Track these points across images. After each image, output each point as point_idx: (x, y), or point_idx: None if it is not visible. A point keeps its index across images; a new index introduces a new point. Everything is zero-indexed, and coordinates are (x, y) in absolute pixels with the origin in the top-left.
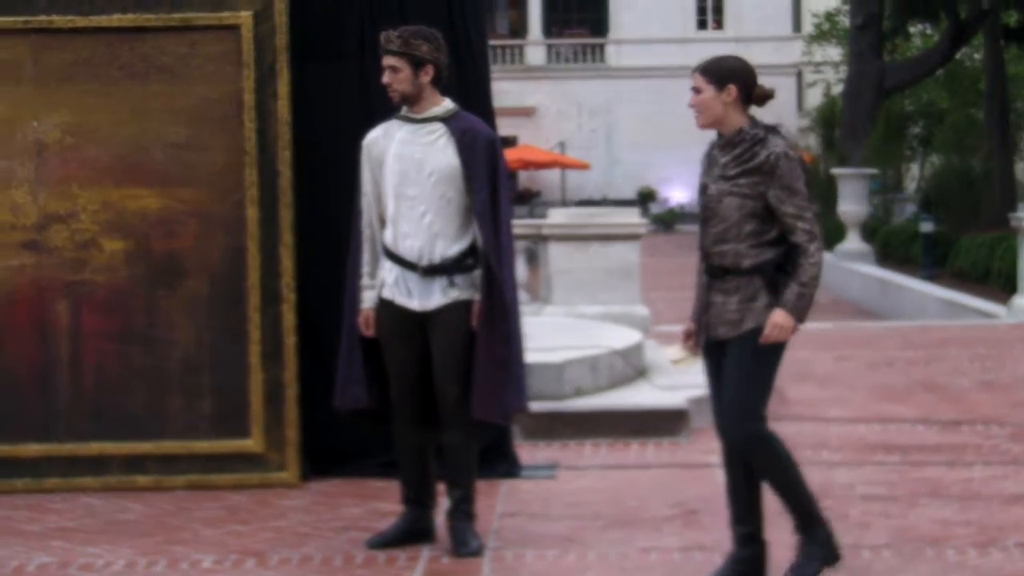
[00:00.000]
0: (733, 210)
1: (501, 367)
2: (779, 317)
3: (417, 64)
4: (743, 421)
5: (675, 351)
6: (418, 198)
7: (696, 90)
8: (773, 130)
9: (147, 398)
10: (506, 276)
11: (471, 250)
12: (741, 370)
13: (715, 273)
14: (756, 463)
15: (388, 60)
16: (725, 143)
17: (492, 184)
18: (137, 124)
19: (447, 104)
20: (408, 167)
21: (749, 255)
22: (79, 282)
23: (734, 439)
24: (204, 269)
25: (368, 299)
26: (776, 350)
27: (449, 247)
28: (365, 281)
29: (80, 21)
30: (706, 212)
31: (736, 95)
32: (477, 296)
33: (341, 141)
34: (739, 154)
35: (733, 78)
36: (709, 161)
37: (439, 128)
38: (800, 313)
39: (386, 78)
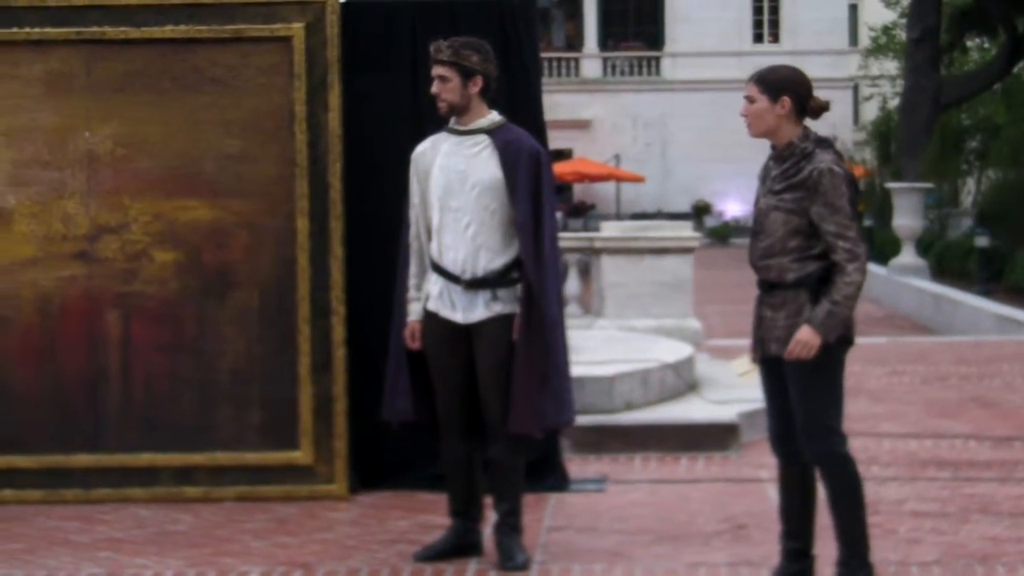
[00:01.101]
0: (779, 225)
1: (539, 380)
2: (804, 333)
3: (467, 74)
4: (822, 437)
5: (741, 363)
6: (462, 210)
7: (749, 99)
8: (824, 144)
9: (197, 409)
10: (547, 289)
11: (515, 263)
12: (803, 388)
13: (763, 287)
14: (830, 481)
15: (438, 70)
16: (776, 156)
17: (535, 197)
18: (188, 135)
19: (493, 116)
20: (452, 179)
21: (792, 269)
22: (130, 293)
23: (813, 455)
24: (254, 281)
25: (414, 312)
26: (831, 363)
27: (493, 260)
28: (411, 293)
29: (132, 32)
30: (755, 225)
31: (790, 107)
32: (514, 310)
33: (392, 153)
34: (786, 168)
35: (787, 89)
36: (764, 173)
37: (483, 140)
38: (827, 331)
39: (435, 88)
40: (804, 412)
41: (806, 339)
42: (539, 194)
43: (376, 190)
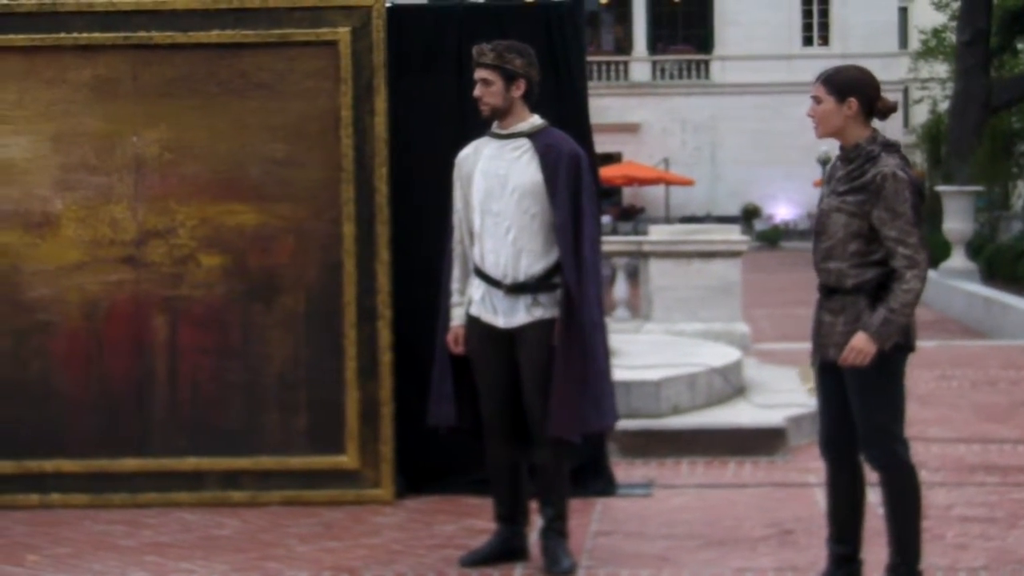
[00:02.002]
0: (840, 227)
1: (577, 385)
2: (859, 340)
3: (510, 78)
4: (884, 444)
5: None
6: (502, 214)
7: (816, 99)
8: (890, 147)
9: (243, 414)
10: (585, 292)
11: (557, 268)
12: (864, 395)
13: (823, 291)
14: (890, 488)
15: (480, 73)
16: (843, 156)
17: (574, 199)
18: (235, 140)
19: (534, 120)
20: (493, 183)
21: (851, 274)
22: (176, 297)
23: (875, 462)
24: (300, 285)
25: (457, 316)
26: (892, 369)
27: (534, 264)
28: (455, 298)
29: (179, 37)
30: (817, 226)
31: (857, 108)
32: (554, 315)
33: (437, 158)
34: (851, 170)
35: (855, 91)
36: (831, 173)
37: (524, 144)
38: (883, 339)
39: (477, 91)
40: (865, 419)
41: (861, 346)
42: (578, 197)
43: (422, 194)
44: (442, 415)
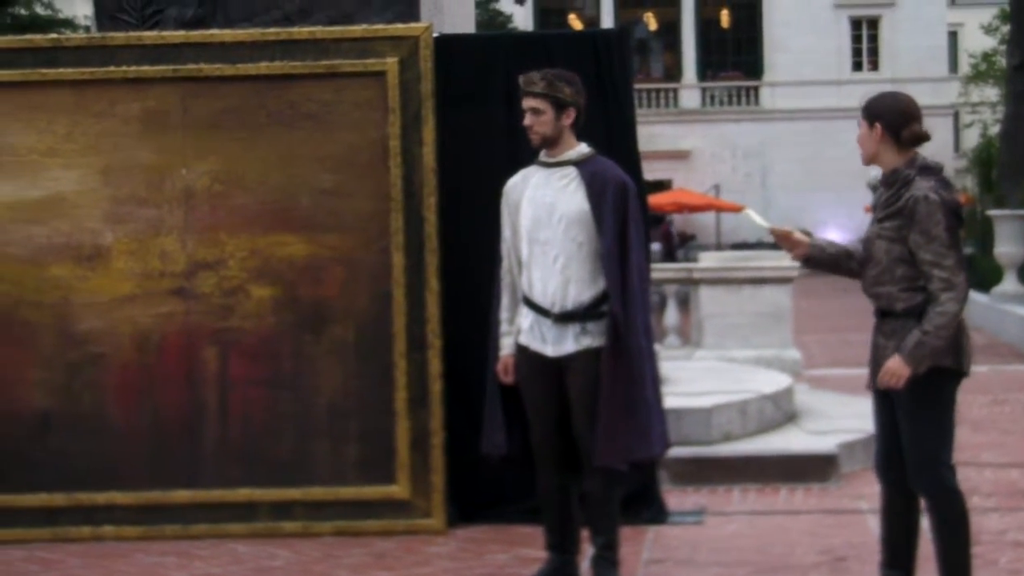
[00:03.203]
0: (883, 253)
1: (622, 413)
2: (893, 363)
3: (560, 106)
4: (931, 470)
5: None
6: (550, 243)
7: (860, 125)
8: (927, 171)
9: (294, 444)
10: (632, 320)
11: (605, 296)
12: (912, 420)
13: (878, 315)
14: (937, 514)
15: (530, 102)
16: (883, 182)
17: (621, 227)
18: (284, 171)
19: (582, 148)
20: (540, 212)
21: (901, 298)
22: (227, 329)
23: (921, 488)
24: (350, 315)
25: (507, 345)
26: (941, 394)
27: (582, 293)
28: (504, 328)
29: (228, 69)
30: (865, 253)
31: (881, 133)
32: (603, 344)
33: (486, 187)
34: (889, 196)
35: (880, 116)
36: (876, 200)
37: (571, 172)
38: (917, 362)
39: (528, 120)
40: (913, 444)
41: (895, 369)
42: (625, 225)
43: (471, 223)
44: (493, 444)
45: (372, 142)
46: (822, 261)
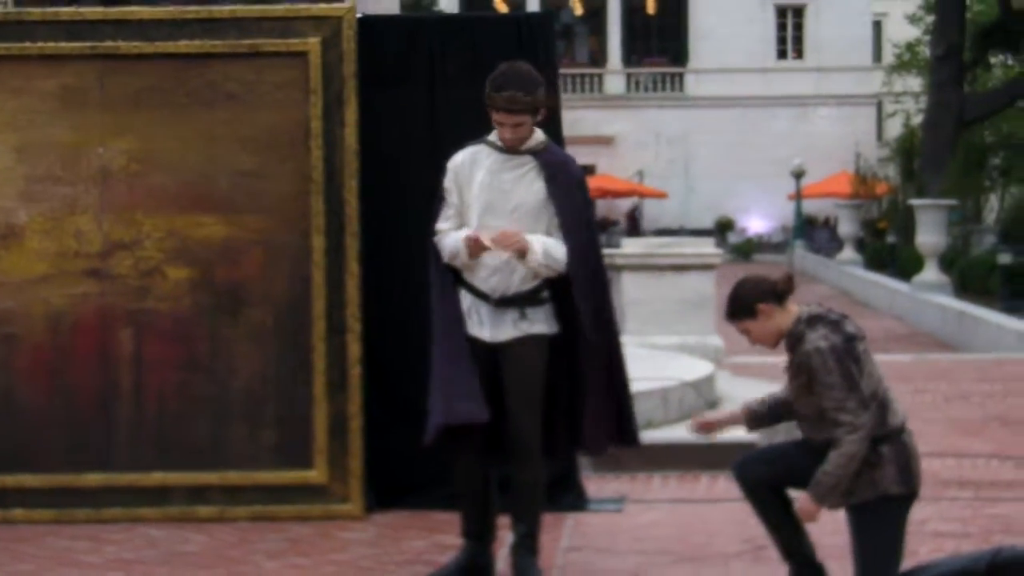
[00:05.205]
0: (806, 408)
1: (607, 399)
2: (802, 501)
3: (536, 111)
4: None
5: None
6: (499, 230)
7: (746, 332)
8: (813, 320)
9: (210, 428)
10: (588, 310)
11: (544, 283)
12: (860, 542)
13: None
14: None
15: (515, 119)
16: (786, 347)
17: (580, 219)
18: (203, 151)
19: (538, 136)
20: (495, 198)
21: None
22: (142, 310)
23: None
24: (269, 298)
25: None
26: (888, 519)
27: (525, 281)
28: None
29: (147, 47)
30: (794, 409)
31: (767, 311)
32: (549, 331)
33: (408, 169)
34: (792, 358)
35: (753, 302)
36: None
37: (529, 161)
38: (819, 499)
39: (509, 134)
40: (859, 565)
41: (803, 507)
42: (586, 216)
43: (393, 207)
44: (462, 413)
45: (293, 123)
46: (765, 417)
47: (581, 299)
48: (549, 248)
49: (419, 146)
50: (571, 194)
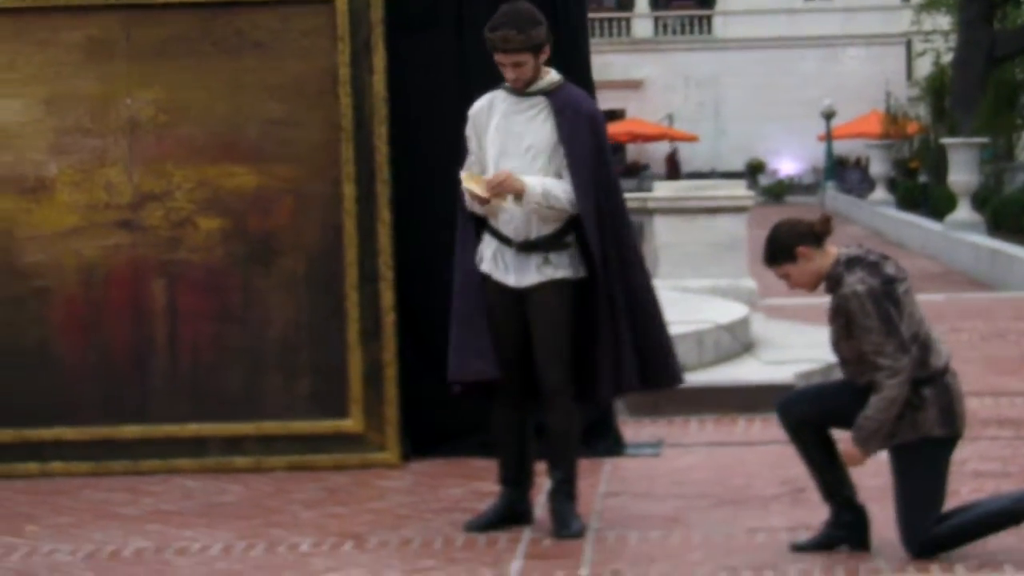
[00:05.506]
0: (846, 352)
1: (606, 345)
2: (846, 447)
3: (538, 49)
4: (917, 533)
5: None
6: (516, 172)
7: (786, 277)
8: (852, 262)
9: (244, 378)
10: (610, 253)
11: (568, 227)
12: (902, 483)
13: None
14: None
15: (512, 58)
16: (825, 289)
17: (594, 159)
18: (232, 100)
19: (552, 76)
20: (508, 141)
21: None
22: (174, 261)
23: (904, 544)
24: (300, 247)
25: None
26: (931, 462)
27: (546, 223)
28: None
29: None
30: (836, 354)
31: (806, 253)
32: (575, 275)
33: (438, 115)
34: (831, 300)
35: (794, 244)
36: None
37: (541, 102)
38: (862, 444)
39: (510, 74)
40: (901, 504)
41: (849, 453)
42: (600, 156)
43: (423, 153)
44: (472, 371)
45: (321, 71)
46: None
47: (589, 236)
48: (549, 188)
49: (448, 91)
50: (578, 131)
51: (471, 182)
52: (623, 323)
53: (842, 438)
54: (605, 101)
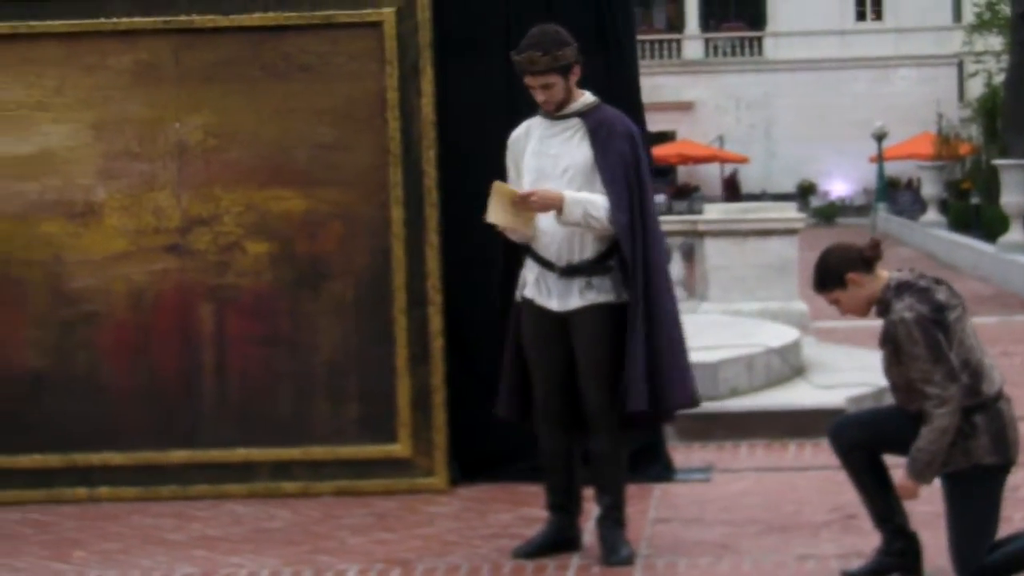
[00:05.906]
0: (896, 378)
1: (630, 363)
2: (901, 481)
3: (566, 71)
4: (970, 562)
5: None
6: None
7: (835, 302)
8: (901, 288)
9: (293, 403)
10: (637, 273)
11: (611, 251)
12: (954, 512)
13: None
14: None
15: (540, 80)
16: (877, 314)
17: (629, 177)
18: (280, 124)
19: (586, 98)
20: (545, 164)
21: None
22: (223, 286)
23: (958, 573)
24: (349, 271)
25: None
26: (983, 491)
27: (587, 246)
28: None
29: (221, 20)
30: (888, 380)
31: (859, 277)
32: (617, 299)
33: (486, 139)
34: (883, 325)
35: (843, 270)
36: None
37: (575, 123)
38: (916, 476)
39: (540, 96)
40: (954, 533)
41: (903, 485)
42: (638, 175)
43: (471, 177)
44: (502, 407)
45: (369, 94)
46: None
47: (625, 254)
48: (589, 203)
49: (496, 114)
50: (613, 150)
51: (497, 193)
52: (639, 346)
53: (895, 465)
54: (655, 123)
